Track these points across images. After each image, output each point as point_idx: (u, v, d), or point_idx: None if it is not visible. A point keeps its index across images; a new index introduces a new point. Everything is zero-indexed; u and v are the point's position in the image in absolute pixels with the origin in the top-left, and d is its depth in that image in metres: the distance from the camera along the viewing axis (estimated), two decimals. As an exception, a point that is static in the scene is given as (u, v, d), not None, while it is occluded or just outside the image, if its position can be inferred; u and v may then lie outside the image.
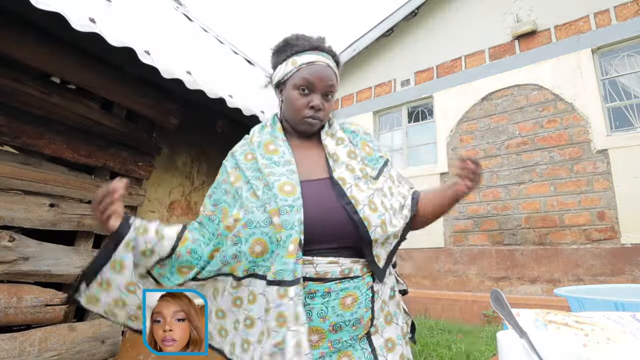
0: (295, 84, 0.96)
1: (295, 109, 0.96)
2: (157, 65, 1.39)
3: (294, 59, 0.97)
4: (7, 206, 1.28)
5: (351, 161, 0.95)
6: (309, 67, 0.96)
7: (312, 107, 0.95)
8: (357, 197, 0.86)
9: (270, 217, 0.81)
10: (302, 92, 0.95)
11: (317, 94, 0.96)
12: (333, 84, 0.98)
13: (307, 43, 0.99)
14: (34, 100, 1.37)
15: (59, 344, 1.37)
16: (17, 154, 1.35)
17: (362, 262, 0.87)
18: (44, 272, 1.36)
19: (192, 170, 2.18)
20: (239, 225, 0.83)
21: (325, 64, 0.97)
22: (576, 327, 0.62)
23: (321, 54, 0.98)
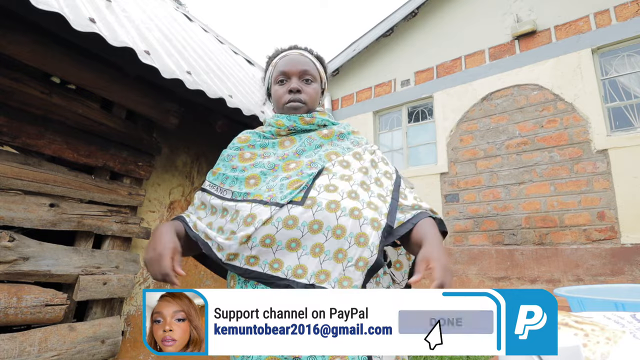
0: (274, 79, 1.01)
1: (277, 99, 1.00)
2: (157, 65, 1.39)
3: (272, 63, 1.03)
4: (7, 206, 1.28)
5: None
6: (282, 60, 1.00)
7: (290, 91, 0.97)
8: None
9: None
10: (281, 83, 0.99)
11: (293, 78, 0.98)
12: (307, 68, 0.99)
13: (283, 47, 1.06)
14: (34, 100, 1.37)
15: (59, 344, 1.37)
16: (17, 154, 1.35)
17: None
18: (44, 272, 1.36)
19: (192, 170, 2.18)
20: None
21: (297, 53, 1.01)
22: (576, 327, 0.62)
23: (295, 50, 1.03)
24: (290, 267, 0.79)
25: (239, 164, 0.94)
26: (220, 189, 0.92)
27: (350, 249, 0.79)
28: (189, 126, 2.12)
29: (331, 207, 0.80)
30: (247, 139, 1.01)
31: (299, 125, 0.96)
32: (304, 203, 0.81)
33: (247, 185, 0.89)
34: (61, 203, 1.45)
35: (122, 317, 1.71)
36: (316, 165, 0.89)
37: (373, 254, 0.80)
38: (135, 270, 1.70)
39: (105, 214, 1.60)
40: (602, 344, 0.57)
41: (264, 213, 0.80)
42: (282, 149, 0.95)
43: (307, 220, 0.79)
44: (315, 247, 0.79)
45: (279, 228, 0.79)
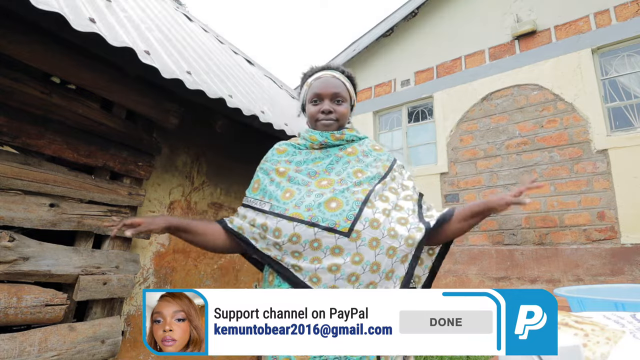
0: (309, 100, 1.14)
1: (310, 117, 1.13)
2: (157, 65, 1.39)
3: (307, 81, 1.17)
4: (7, 206, 1.28)
5: None
6: (316, 82, 1.14)
7: (322, 111, 1.10)
8: None
9: None
10: (314, 103, 1.13)
11: (326, 100, 1.11)
12: (338, 90, 1.11)
13: (316, 66, 1.19)
14: (34, 100, 1.37)
15: (59, 344, 1.37)
16: (17, 154, 1.35)
17: None
18: (44, 272, 1.36)
19: (192, 170, 2.18)
20: None
21: (330, 76, 1.13)
22: (576, 327, 0.62)
23: (327, 71, 1.15)
24: (326, 285, 0.91)
25: (276, 177, 1.06)
26: (261, 202, 1.03)
27: (380, 282, 0.93)
28: (189, 126, 2.12)
29: (372, 245, 0.93)
30: (284, 151, 1.14)
31: (330, 141, 1.10)
32: (349, 235, 0.92)
33: (283, 198, 1.00)
34: (61, 203, 1.45)
35: (122, 317, 1.71)
36: (345, 182, 1.02)
37: (396, 285, 0.95)
38: (135, 270, 1.70)
39: (105, 214, 1.60)
40: (602, 344, 0.57)
41: (308, 234, 0.93)
42: (314, 164, 1.08)
43: (350, 251, 0.92)
44: (352, 275, 0.91)
45: (326, 254, 0.92)
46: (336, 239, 0.92)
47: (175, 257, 2.02)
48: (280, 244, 0.94)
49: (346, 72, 1.18)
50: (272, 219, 0.96)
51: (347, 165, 1.07)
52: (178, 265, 2.04)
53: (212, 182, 2.29)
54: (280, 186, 1.03)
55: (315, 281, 0.92)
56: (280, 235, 0.94)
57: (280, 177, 1.05)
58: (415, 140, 5.94)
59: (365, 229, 0.93)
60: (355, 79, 1.21)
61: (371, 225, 0.94)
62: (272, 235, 0.95)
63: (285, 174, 1.05)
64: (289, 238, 0.93)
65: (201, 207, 2.22)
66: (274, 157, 1.13)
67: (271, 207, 0.99)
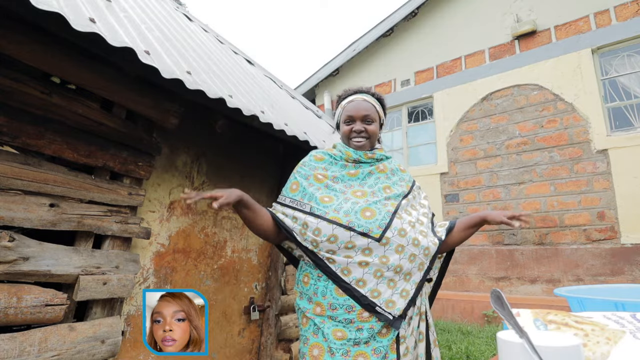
0: (343, 120, 1.31)
1: (344, 135, 1.30)
2: (157, 65, 1.39)
3: (341, 104, 1.34)
4: (7, 206, 1.28)
5: None
6: (349, 105, 1.30)
7: (354, 131, 1.27)
8: None
9: None
10: (347, 124, 1.29)
11: (357, 121, 1.27)
12: (369, 113, 1.27)
13: (350, 90, 1.35)
14: (34, 100, 1.36)
15: (59, 344, 1.37)
16: (17, 154, 1.35)
17: None
18: (44, 272, 1.36)
19: (192, 170, 2.18)
20: None
21: (361, 99, 1.28)
22: (576, 327, 0.62)
23: (360, 94, 1.30)
24: (355, 278, 1.06)
25: (314, 182, 1.20)
26: (300, 203, 1.16)
27: (399, 281, 1.09)
28: (189, 126, 2.12)
29: (398, 250, 1.09)
30: (322, 159, 1.29)
31: (363, 159, 1.26)
32: (380, 240, 1.07)
33: (322, 201, 1.13)
34: (61, 203, 1.45)
35: (122, 317, 1.71)
36: (377, 195, 1.18)
37: (412, 288, 1.11)
38: (135, 270, 1.70)
39: (105, 214, 1.60)
40: (602, 344, 0.57)
41: (345, 236, 1.06)
42: (349, 176, 1.23)
43: (379, 253, 1.07)
44: (377, 271, 1.06)
45: (357, 253, 1.07)
46: (368, 242, 1.06)
47: (175, 257, 2.02)
48: (318, 242, 1.07)
49: (376, 95, 1.33)
50: (313, 219, 1.10)
51: (377, 181, 1.24)
52: (178, 265, 2.04)
53: (212, 182, 2.29)
54: (319, 191, 1.17)
55: (346, 273, 1.07)
56: (319, 234, 1.07)
57: (318, 182, 1.20)
58: (415, 140, 5.94)
59: (394, 236, 1.09)
60: (384, 100, 1.37)
61: (399, 234, 1.10)
62: (312, 233, 1.08)
63: (324, 181, 1.21)
64: (327, 238, 1.07)
65: (201, 207, 2.22)
66: (312, 164, 1.28)
67: (311, 209, 1.12)
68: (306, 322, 1.12)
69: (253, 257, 2.56)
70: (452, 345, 3.15)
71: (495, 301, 0.65)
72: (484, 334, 3.56)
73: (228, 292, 2.32)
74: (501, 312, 0.62)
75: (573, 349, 0.47)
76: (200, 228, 2.19)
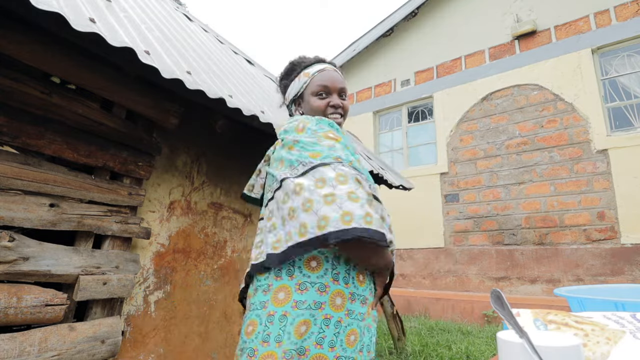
0: (312, 92, 1.10)
1: (316, 109, 1.08)
2: (157, 65, 1.39)
3: (305, 71, 1.12)
4: (7, 206, 1.28)
5: None
6: (321, 74, 1.10)
7: (332, 105, 1.08)
8: None
9: None
10: (320, 96, 1.09)
11: (334, 95, 1.10)
12: (344, 86, 1.12)
13: (311, 58, 1.16)
14: (34, 100, 1.37)
15: (59, 344, 1.37)
16: (17, 154, 1.35)
17: None
18: (44, 272, 1.36)
19: (192, 170, 2.18)
20: None
21: (332, 69, 1.12)
22: (576, 327, 0.62)
23: (329, 65, 1.14)
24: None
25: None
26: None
27: None
28: (189, 126, 2.12)
29: None
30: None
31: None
32: None
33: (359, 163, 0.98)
34: (61, 203, 1.45)
35: (122, 317, 1.71)
36: None
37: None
38: (135, 270, 1.70)
39: (105, 214, 1.60)
40: (602, 344, 0.57)
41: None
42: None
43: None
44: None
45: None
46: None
47: (175, 257, 2.02)
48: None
49: (339, 68, 1.18)
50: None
51: None
52: (178, 265, 2.04)
53: (212, 182, 2.29)
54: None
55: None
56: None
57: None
58: (415, 140, 5.94)
59: None
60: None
61: None
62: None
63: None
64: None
65: (201, 207, 2.22)
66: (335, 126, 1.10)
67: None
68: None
69: (253, 257, 2.56)
70: (452, 345, 3.15)
71: (495, 301, 0.65)
72: (484, 334, 3.56)
73: (228, 292, 2.32)
74: (501, 312, 0.62)
75: (573, 349, 0.47)
76: (200, 228, 2.19)
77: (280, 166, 0.95)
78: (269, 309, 0.84)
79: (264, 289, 0.87)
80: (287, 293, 0.85)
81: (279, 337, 0.80)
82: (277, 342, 0.80)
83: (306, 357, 0.81)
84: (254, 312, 0.86)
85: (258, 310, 0.86)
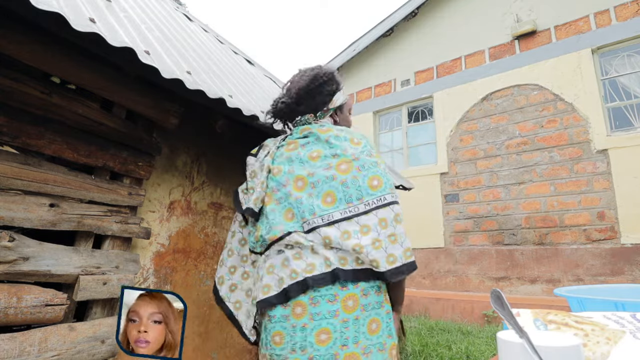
0: (349, 110, 1.40)
1: (349, 124, 1.40)
2: (157, 65, 1.39)
3: (343, 91, 1.35)
4: (7, 206, 1.28)
5: None
6: (349, 100, 1.41)
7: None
8: None
9: None
10: (350, 114, 1.42)
11: None
12: None
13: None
14: (34, 100, 1.36)
15: (59, 344, 1.37)
16: (17, 154, 1.35)
17: None
18: (44, 272, 1.36)
19: (192, 170, 2.18)
20: None
21: None
22: (576, 327, 0.62)
23: None
24: None
25: None
26: None
27: None
28: (189, 126, 2.12)
29: None
30: None
31: None
32: None
33: None
34: (61, 203, 1.45)
35: (122, 317, 1.71)
36: None
37: None
38: (135, 270, 1.70)
39: (105, 214, 1.60)
40: (602, 344, 0.57)
41: None
42: None
43: None
44: None
45: None
46: None
47: (175, 257, 2.03)
48: None
49: None
50: None
51: None
52: (178, 265, 2.04)
53: (212, 182, 2.29)
54: None
55: None
56: None
57: None
58: (415, 140, 5.94)
59: None
60: None
61: None
62: None
63: None
64: None
65: (201, 207, 2.22)
66: None
67: None
68: None
69: (253, 257, 2.55)
70: (452, 345, 3.15)
71: (495, 301, 0.65)
72: (484, 334, 3.56)
73: (228, 292, 2.32)
74: (501, 312, 0.62)
75: (573, 349, 0.47)
76: (200, 228, 2.19)
77: (379, 184, 1.04)
78: (386, 307, 1.03)
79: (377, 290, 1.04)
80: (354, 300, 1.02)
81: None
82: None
83: None
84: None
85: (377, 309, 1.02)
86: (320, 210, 1.02)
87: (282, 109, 1.28)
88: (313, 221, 1.01)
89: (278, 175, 1.14)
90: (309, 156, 1.12)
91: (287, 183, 1.10)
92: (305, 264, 0.98)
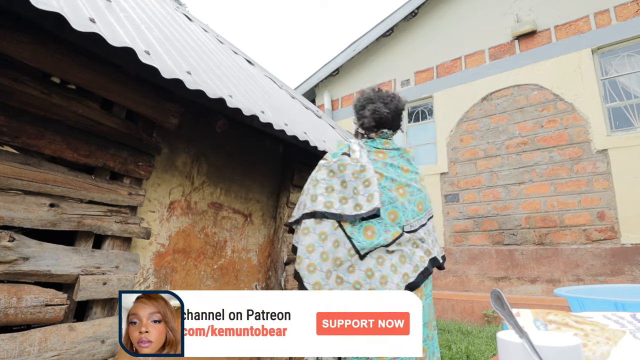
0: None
1: None
2: (157, 65, 1.39)
3: None
4: (7, 206, 1.28)
5: None
6: None
7: None
8: None
9: None
10: None
11: None
12: None
13: None
14: (34, 100, 1.37)
15: (59, 344, 1.37)
16: (17, 154, 1.35)
17: None
18: (44, 272, 1.36)
19: (192, 170, 2.18)
20: None
21: None
22: (576, 327, 0.62)
23: None
24: None
25: None
26: None
27: None
28: (189, 126, 2.12)
29: None
30: None
31: None
32: None
33: None
34: (61, 203, 1.45)
35: (122, 317, 1.71)
36: None
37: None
38: (135, 270, 1.70)
39: (105, 214, 1.60)
40: (602, 344, 0.57)
41: None
42: None
43: None
44: None
45: None
46: None
47: (175, 257, 2.02)
48: None
49: None
50: None
51: None
52: (178, 265, 2.04)
53: (212, 182, 2.29)
54: None
55: None
56: None
57: None
58: (415, 140, 5.94)
59: None
60: None
61: None
62: None
63: None
64: None
65: (201, 207, 2.22)
66: None
67: None
68: None
69: (253, 257, 2.56)
70: (452, 345, 3.15)
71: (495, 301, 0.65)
72: (484, 334, 3.56)
73: (228, 292, 2.32)
74: (501, 312, 0.62)
75: (573, 349, 0.47)
76: (200, 228, 2.19)
77: (427, 201, 1.43)
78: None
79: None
80: None
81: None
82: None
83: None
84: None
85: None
86: (416, 215, 1.33)
87: (387, 120, 1.47)
88: (413, 224, 1.31)
89: (381, 180, 1.34)
90: (401, 168, 1.39)
91: (391, 189, 1.33)
92: (418, 256, 1.28)
